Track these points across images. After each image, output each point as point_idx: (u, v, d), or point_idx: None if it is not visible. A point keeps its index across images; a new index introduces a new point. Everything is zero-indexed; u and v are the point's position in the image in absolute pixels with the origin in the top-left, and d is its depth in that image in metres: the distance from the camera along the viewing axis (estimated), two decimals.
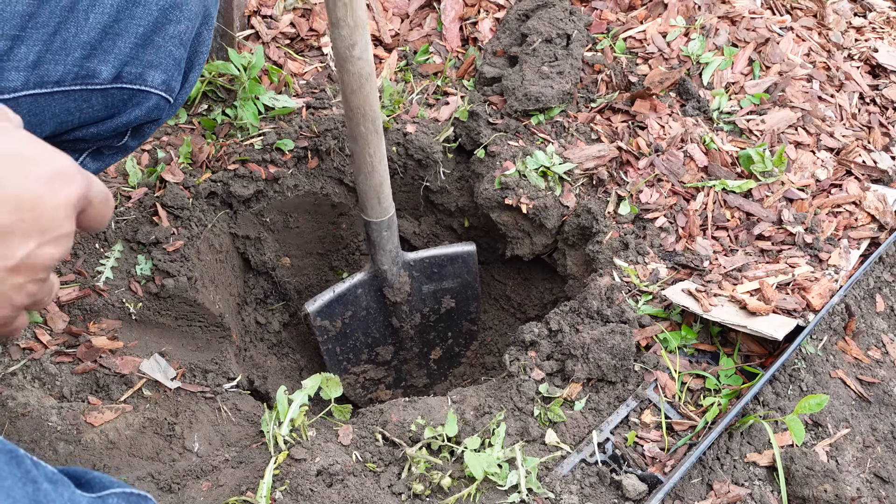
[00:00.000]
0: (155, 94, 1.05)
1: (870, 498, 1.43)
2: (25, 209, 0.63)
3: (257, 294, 2.11)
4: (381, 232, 1.70)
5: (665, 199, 1.88)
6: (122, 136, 1.11)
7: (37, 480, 0.68)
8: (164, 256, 1.68)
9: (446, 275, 1.94)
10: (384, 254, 1.76)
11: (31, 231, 0.64)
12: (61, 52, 0.95)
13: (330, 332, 1.90)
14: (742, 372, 1.57)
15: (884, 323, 1.76)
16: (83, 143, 1.08)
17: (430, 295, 1.97)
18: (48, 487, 0.69)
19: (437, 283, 1.95)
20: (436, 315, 2.03)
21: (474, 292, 2.02)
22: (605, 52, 2.16)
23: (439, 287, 1.96)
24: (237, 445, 1.50)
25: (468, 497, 1.35)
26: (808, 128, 2.06)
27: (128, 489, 0.89)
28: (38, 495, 0.67)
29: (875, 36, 2.43)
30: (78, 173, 0.68)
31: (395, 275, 1.83)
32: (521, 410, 1.49)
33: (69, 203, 0.67)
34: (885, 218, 1.86)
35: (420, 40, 2.24)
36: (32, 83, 0.94)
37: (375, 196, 1.60)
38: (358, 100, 1.43)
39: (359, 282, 1.85)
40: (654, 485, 1.38)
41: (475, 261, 1.94)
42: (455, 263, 1.93)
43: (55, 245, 0.66)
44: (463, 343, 2.14)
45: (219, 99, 1.99)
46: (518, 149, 1.96)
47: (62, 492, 0.71)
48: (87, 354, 1.51)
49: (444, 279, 1.94)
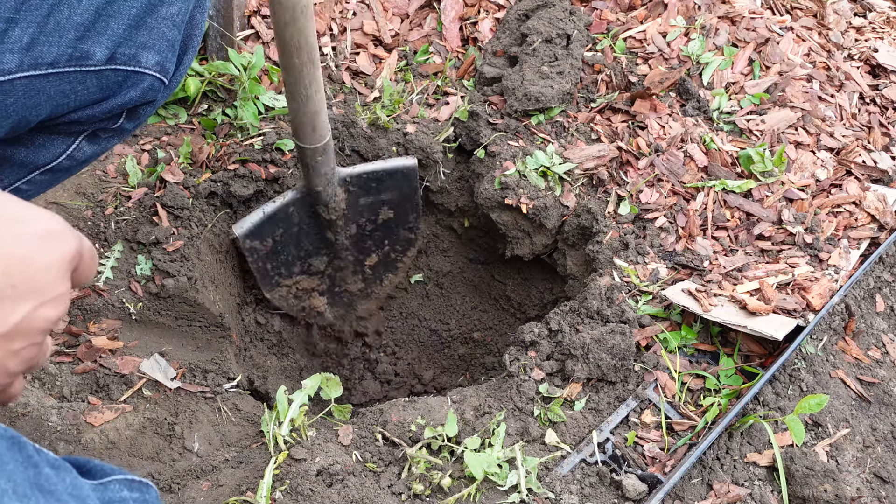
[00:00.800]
0: (149, 75, 1.05)
1: (870, 498, 1.43)
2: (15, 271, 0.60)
3: (257, 294, 2.11)
4: (316, 157, 1.68)
5: (665, 199, 1.88)
6: (118, 118, 1.11)
7: (38, 465, 0.68)
8: (164, 256, 1.68)
9: (385, 188, 1.91)
10: (319, 176, 1.74)
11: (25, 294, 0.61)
12: (55, 34, 0.95)
13: (260, 252, 1.87)
14: (742, 372, 1.57)
15: (884, 323, 1.76)
16: (79, 125, 1.08)
17: (367, 207, 1.94)
18: (50, 472, 0.69)
19: (374, 195, 1.92)
20: (372, 225, 2.00)
21: (413, 204, 1.99)
22: (605, 52, 2.16)
23: (377, 199, 1.93)
24: (237, 445, 1.50)
25: (468, 497, 1.35)
26: (808, 128, 2.06)
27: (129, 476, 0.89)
28: (40, 479, 0.67)
29: (875, 36, 2.43)
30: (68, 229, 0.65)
31: (330, 195, 1.81)
32: (521, 410, 1.49)
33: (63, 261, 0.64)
34: (885, 218, 1.86)
35: (420, 40, 2.24)
36: (27, 65, 0.94)
37: (310, 124, 1.58)
38: (291, 33, 1.38)
39: (290, 200, 1.82)
40: (654, 485, 1.38)
41: (416, 175, 1.92)
42: (395, 177, 1.90)
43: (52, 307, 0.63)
44: (400, 249, 2.12)
45: (219, 99, 1.99)
46: (518, 149, 1.96)
47: (64, 476, 0.71)
48: (87, 354, 1.51)
49: (381, 192, 1.92)
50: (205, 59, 2.03)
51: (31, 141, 1.08)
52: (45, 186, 1.17)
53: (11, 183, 1.12)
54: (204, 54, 2.05)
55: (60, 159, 1.12)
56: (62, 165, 1.13)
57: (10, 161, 1.09)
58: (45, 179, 1.15)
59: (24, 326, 0.62)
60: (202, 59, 2.03)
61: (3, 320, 0.60)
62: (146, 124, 1.93)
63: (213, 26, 2.01)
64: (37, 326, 0.63)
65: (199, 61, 2.00)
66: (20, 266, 0.60)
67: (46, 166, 1.12)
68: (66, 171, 1.15)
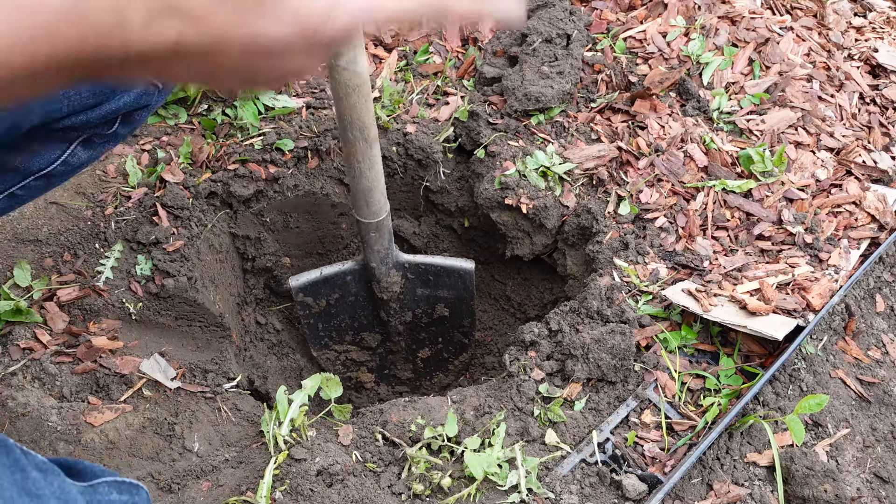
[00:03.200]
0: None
1: (870, 498, 1.43)
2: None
3: (257, 294, 2.11)
4: (370, 233, 1.73)
5: (665, 199, 1.88)
6: (113, 123, 1.11)
7: (25, 469, 0.68)
8: (164, 256, 1.68)
9: (441, 284, 1.94)
10: (372, 252, 1.79)
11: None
12: None
13: (313, 309, 1.92)
14: (742, 372, 1.57)
15: (884, 323, 1.76)
16: (73, 131, 1.08)
17: (424, 299, 1.98)
18: (37, 476, 0.69)
19: (431, 289, 1.96)
20: (428, 318, 2.04)
21: (469, 308, 2.02)
22: (605, 52, 2.16)
23: (433, 294, 1.97)
24: (237, 445, 1.50)
25: (468, 497, 1.35)
26: (808, 128, 2.06)
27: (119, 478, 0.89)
28: (27, 483, 0.67)
29: (875, 36, 2.43)
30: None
31: (384, 273, 1.84)
32: (521, 410, 1.49)
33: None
34: (885, 218, 1.86)
35: (420, 40, 2.24)
36: None
37: (364, 199, 1.64)
38: (344, 108, 1.46)
39: (348, 269, 1.86)
40: (654, 485, 1.38)
41: (472, 279, 1.94)
42: (452, 276, 1.94)
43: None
44: (453, 352, 2.14)
45: (219, 99, 1.99)
46: (518, 149, 1.96)
47: (51, 480, 0.71)
48: (87, 354, 1.51)
49: (439, 288, 1.95)
50: None
51: (25, 147, 1.08)
52: (40, 191, 1.17)
53: (6, 188, 1.12)
54: None
55: (55, 165, 1.12)
56: (57, 171, 1.13)
57: (4, 167, 1.08)
58: (40, 185, 1.15)
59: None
60: None
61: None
62: (146, 124, 1.93)
63: None
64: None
65: None
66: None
67: (41, 172, 1.12)
68: (60, 176, 1.15)
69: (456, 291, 1.96)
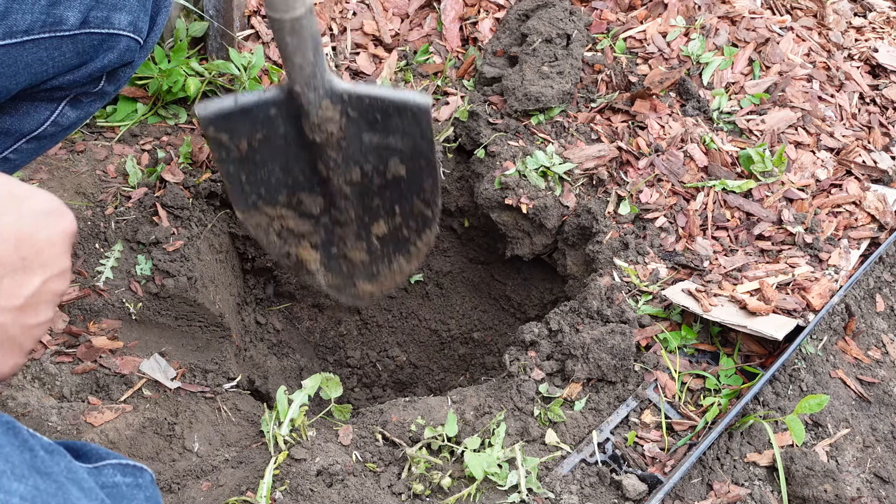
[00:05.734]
0: (124, 37, 1.07)
1: (870, 498, 1.43)
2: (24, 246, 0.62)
3: (257, 294, 2.11)
4: (284, 37, 1.28)
5: (665, 199, 1.88)
6: (98, 81, 1.13)
7: (34, 448, 0.69)
8: (164, 256, 1.68)
9: (392, 129, 1.49)
10: (293, 68, 1.34)
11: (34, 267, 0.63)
12: (27, 2, 0.96)
13: (231, 152, 1.48)
14: (742, 372, 1.57)
15: (884, 323, 1.76)
16: (60, 91, 1.10)
17: (373, 149, 1.52)
18: (45, 455, 0.70)
19: (380, 135, 1.51)
20: (380, 177, 1.57)
21: (429, 164, 1.52)
22: (605, 52, 2.16)
23: (384, 142, 1.52)
24: (237, 445, 1.50)
25: (468, 497, 1.35)
26: (808, 128, 2.06)
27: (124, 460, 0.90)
28: (36, 461, 0.68)
29: (875, 36, 2.43)
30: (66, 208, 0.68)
31: (313, 103, 1.41)
32: (521, 410, 1.49)
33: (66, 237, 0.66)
34: (885, 218, 1.86)
35: (420, 40, 2.24)
36: (1, 34, 0.96)
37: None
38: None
39: (272, 98, 1.41)
40: (654, 485, 1.38)
41: (429, 120, 1.46)
42: (403, 117, 1.46)
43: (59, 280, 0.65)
44: (414, 227, 1.65)
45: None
46: (518, 149, 1.96)
47: (59, 460, 0.72)
48: (87, 354, 1.51)
49: (389, 133, 1.50)
50: (205, 59, 2.03)
51: (14, 109, 1.10)
52: (32, 155, 1.19)
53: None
54: (204, 54, 2.05)
55: (45, 126, 1.14)
56: (47, 132, 1.15)
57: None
58: (32, 147, 1.16)
59: (35, 300, 0.63)
60: (202, 59, 2.03)
61: (16, 292, 0.62)
62: (146, 124, 1.93)
63: (214, 26, 2.01)
64: (46, 300, 0.65)
65: (200, 61, 2.00)
66: (28, 241, 0.62)
67: (32, 133, 1.14)
68: (51, 137, 1.17)
69: (411, 139, 1.49)
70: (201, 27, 2.01)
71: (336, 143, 1.49)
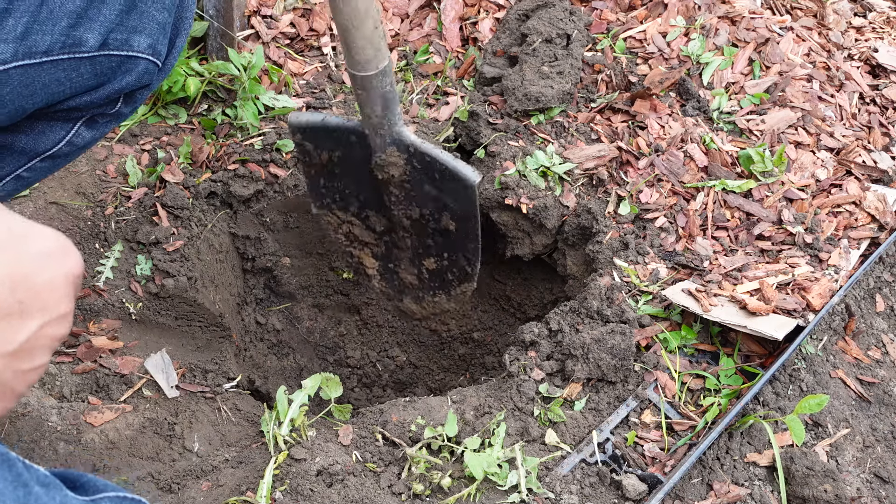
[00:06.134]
0: (143, 59, 1.06)
1: (870, 498, 1.43)
2: (22, 289, 0.59)
3: (257, 294, 2.11)
4: (356, 90, 1.47)
5: (665, 199, 1.88)
6: (115, 102, 1.12)
7: (28, 484, 0.67)
8: (164, 256, 1.68)
9: (447, 189, 1.66)
10: (363, 115, 1.53)
11: (32, 312, 0.60)
12: (48, 23, 0.96)
13: (313, 158, 1.67)
14: (742, 372, 1.57)
15: (884, 323, 1.76)
16: (77, 111, 1.10)
17: (431, 199, 1.70)
18: (40, 491, 0.68)
19: (438, 191, 1.69)
20: (435, 224, 1.75)
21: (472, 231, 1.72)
22: (605, 52, 2.16)
23: (440, 197, 1.70)
24: (237, 445, 1.50)
25: (468, 497, 1.35)
26: (808, 128, 2.06)
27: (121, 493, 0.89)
28: (29, 499, 0.66)
29: (875, 36, 2.43)
30: (72, 247, 0.64)
31: (380, 146, 1.59)
32: (521, 410, 1.49)
33: (68, 280, 0.63)
34: (885, 218, 1.86)
35: (420, 40, 2.24)
36: (21, 54, 0.95)
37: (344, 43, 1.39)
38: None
39: (353, 127, 1.59)
40: (654, 485, 1.38)
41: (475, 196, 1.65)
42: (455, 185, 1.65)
43: (57, 325, 0.62)
44: (456, 275, 1.86)
45: (219, 99, 1.99)
46: (518, 149, 1.96)
47: (54, 495, 0.71)
48: (87, 354, 1.51)
49: (445, 193, 1.68)
50: (205, 59, 2.03)
51: (30, 128, 1.09)
52: (45, 173, 1.18)
53: (13, 171, 1.13)
54: (204, 54, 2.05)
55: (60, 145, 1.13)
56: (62, 151, 1.14)
57: (10, 149, 1.10)
58: (46, 166, 1.16)
59: (31, 345, 0.61)
60: (202, 59, 2.03)
61: (10, 338, 0.59)
62: (147, 124, 1.93)
63: (214, 26, 2.01)
64: (42, 345, 0.62)
65: (200, 61, 2.00)
66: (26, 284, 0.59)
67: (47, 153, 1.13)
68: (65, 156, 1.16)
69: (461, 205, 1.68)
70: (201, 27, 2.01)
71: (399, 183, 1.66)
